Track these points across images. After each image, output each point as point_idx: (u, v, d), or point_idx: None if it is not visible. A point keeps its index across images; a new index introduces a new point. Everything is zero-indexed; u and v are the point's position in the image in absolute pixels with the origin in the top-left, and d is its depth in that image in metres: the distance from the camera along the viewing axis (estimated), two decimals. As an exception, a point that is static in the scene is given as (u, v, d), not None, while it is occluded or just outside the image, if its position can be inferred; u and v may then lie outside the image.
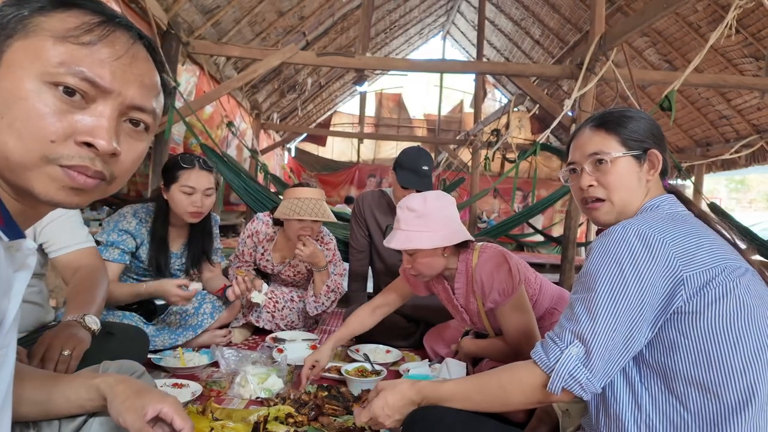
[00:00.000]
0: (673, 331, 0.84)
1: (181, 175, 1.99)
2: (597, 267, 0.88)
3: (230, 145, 7.00)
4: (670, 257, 0.83)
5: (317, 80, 9.99)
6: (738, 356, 0.81)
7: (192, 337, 2.11)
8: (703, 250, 0.85)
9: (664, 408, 0.85)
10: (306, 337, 2.35)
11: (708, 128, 7.45)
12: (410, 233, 1.59)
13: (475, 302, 1.74)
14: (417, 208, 1.60)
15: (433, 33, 13.58)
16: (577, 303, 0.90)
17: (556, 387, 0.88)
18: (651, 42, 6.91)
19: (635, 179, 1.02)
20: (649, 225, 0.87)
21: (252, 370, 1.75)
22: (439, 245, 1.60)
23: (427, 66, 5.00)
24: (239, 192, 3.59)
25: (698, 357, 0.82)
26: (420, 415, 1.06)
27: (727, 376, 0.80)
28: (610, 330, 0.85)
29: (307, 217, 2.25)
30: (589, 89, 3.69)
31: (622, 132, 1.05)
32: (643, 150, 1.03)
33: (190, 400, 1.59)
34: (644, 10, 3.19)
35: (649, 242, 0.84)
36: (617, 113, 1.09)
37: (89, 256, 1.57)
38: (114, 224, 2.02)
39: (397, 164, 2.52)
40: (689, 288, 0.83)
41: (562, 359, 0.87)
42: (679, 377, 0.84)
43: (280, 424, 1.45)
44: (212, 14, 5.09)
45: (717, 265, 0.84)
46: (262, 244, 2.54)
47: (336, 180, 13.20)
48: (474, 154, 8.28)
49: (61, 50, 0.57)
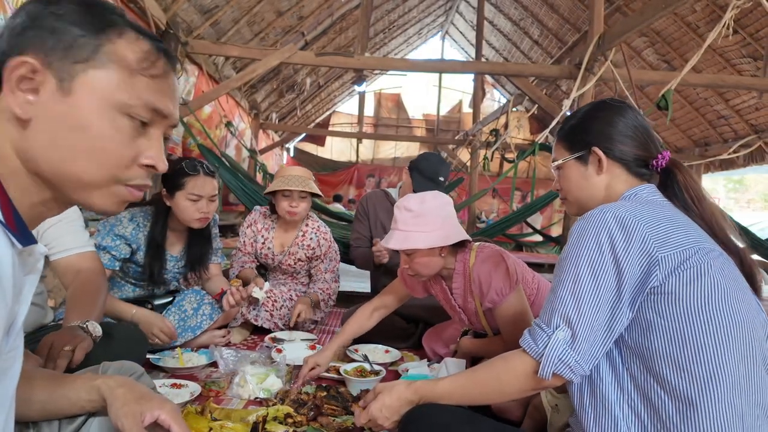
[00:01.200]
0: (650, 311, 0.86)
1: (186, 182, 1.96)
2: (577, 249, 0.90)
3: (229, 145, 7.00)
4: (645, 238, 0.86)
5: (316, 80, 10.00)
6: (710, 334, 0.83)
7: (191, 337, 2.11)
8: (677, 232, 0.88)
9: (644, 387, 0.87)
10: (305, 337, 2.35)
11: (706, 128, 7.46)
12: (408, 233, 1.59)
13: (473, 302, 1.74)
14: (414, 208, 1.61)
15: (432, 33, 13.59)
16: (560, 286, 0.92)
17: (546, 372, 0.90)
18: (650, 42, 6.92)
19: (582, 179, 1.06)
20: (626, 209, 0.90)
21: (251, 370, 1.75)
22: (437, 245, 1.60)
23: (426, 66, 5.00)
24: (236, 192, 3.59)
25: (673, 336, 0.85)
26: (416, 414, 1.07)
27: (700, 353, 0.83)
28: (594, 310, 0.87)
29: (294, 187, 2.40)
30: (588, 89, 3.69)
31: (566, 136, 1.10)
32: (588, 150, 1.05)
33: (189, 401, 1.58)
34: (643, 11, 3.20)
35: (625, 224, 0.87)
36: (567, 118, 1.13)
37: (90, 260, 1.55)
38: (110, 228, 1.99)
39: (415, 168, 2.50)
40: (664, 268, 0.85)
41: (550, 344, 0.89)
42: (656, 357, 0.86)
43: (279, 424, 1.45)
44: (211, 14, 5.09)
45: (690, 246, 0.86)
46: (261, 234, 2.60)
47: (335, 180, 13.20)
48: (473, 154, 8.29)
49: (135, 82, 0.63)
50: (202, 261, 2.21)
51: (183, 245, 2.18)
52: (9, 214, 0.58)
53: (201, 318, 2.16)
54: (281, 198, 2.45)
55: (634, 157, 1.03)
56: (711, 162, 7.36)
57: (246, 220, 2.66)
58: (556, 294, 0.92)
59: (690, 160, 7.26)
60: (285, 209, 2.45)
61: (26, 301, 0.61)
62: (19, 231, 0.58)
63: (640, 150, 1.03)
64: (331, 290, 2.60)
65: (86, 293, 1.47)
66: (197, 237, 2.18)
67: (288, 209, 2.44)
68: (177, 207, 1.99)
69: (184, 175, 1.97)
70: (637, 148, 1.03)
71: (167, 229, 2.08)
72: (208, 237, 2.24)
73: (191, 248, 2.18)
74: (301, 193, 2.43)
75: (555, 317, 0.90)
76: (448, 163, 2.57)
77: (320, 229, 2.61)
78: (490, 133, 7.01)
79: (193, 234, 2.17)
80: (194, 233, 2.17)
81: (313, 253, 2.58)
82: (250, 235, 2.61)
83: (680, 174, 1.00)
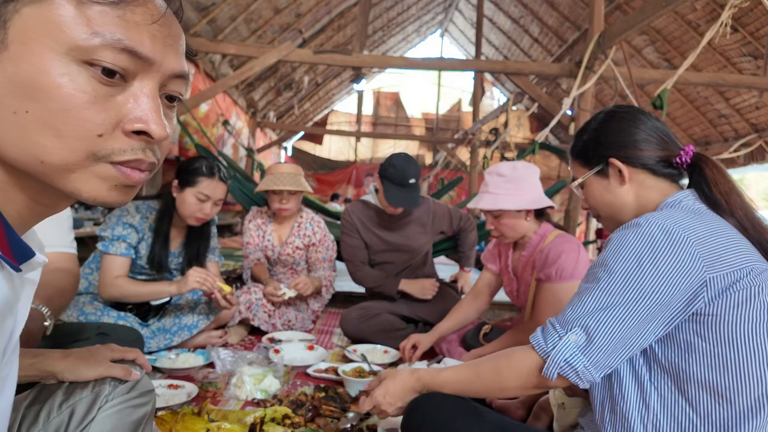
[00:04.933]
0: (691, 333, 0.81)
1: (200, 181, 2.01)
2: (614, 258, 0.85)
3: (226, 143, 6.97)
4: (694, 256, 0.79)
5: (314, 78, 9.97)
6: (756, 362, 0.78)
7: (188, 337, 2.09)
8: (729, 249, 0.81)
9: (673, 409, 0.83)
10: (303, 338, 2.33)
11: (707, 127, 7.46)
12: (498, 196, 1.75)
13: (531, 274, 1.82)
14: (506, 173, 1.78)
15: (431, 31, 13.55)
16: (586, 292, 0.87)
17: (551, 372, 0.86)
18: (650, 40, 6.90)
19: (607, 193, 1.02)
20: (673, 220, 0.83)
21: (248, 371, 1.73)
22: (525, 207, 1.75)
23: (425, 64, 4.97)
24: (233, 192, 3.56)
25: (714, 361, 0.79)
26: (421, 405, 1.05)
27: (743, 382, 0.78)
28: (619, 322, 0.82)
29: (283, 186, 2.47)
30: (588, 88, 3.67)
31: (580, 153, 1.06)
32: (605, 162, 1.01)
33: (186, 401, 1.57)
34: (643, 9, 3.17)
35: (673, 238, 0.81)
36: (578, 134, 1.09)
37: (68, 262, 1.46)
38: (117, 218, 2.01)
39: (383, 176, 2.37)
40: (712, 290, 0.79)
41: (559, 345, 0.86)
42: (691, 380, 0.81)
43: (276, 425, 1.43)
44: (208, 11, 5.06)
45: (743, 267, 0.80)
46: (260, 228, 2.71)
47: (333, 179, 13.18)
48: (472, 152, 8.27)
49: (89, 15, 0.45)
50: (199, 258, 2.21)
51: (181, 241, 2.18)
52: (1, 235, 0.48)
53: (198, 317, 2.15)
54: (272, 196, 2.57)
55: (656, 159, 0.98)
56: (711, 161, 7.35)
57: (246, 218, 2.77)
58: (581, 298, 0.88)
59: (690, 159, 7.26)
60: (276, 207, 2.56)
61: (23, 315, 0.57)
62: (13, 252, 0.49)
63: (660, 151, 0.98)
64: (331, 278, 2.69)
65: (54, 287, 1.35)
66: (196, 234, 2.19)
67: (278, 206, 2.55)
68: (182, 201, 2.03)
69: (200, 174, 2.02)
70: (655, 149, 0.98)
71: (171, 222, 2.10)
72: (207, 235, 2.25)
73: (190, 244, 2.18)
74: (290, 190, 2.52)
75: (572, 321, 0.86)
76: (417, 163, 2.43)
77: (314, 219, 2.74)
78: (490, 131, 6.99)
79: (193, 231, 2.18)
80: (194, 230, 2.18)
81: (309, 241, 2.69)
82: (254, 229, 2.71)
83: (707, 168, 0.93)
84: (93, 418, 0.85)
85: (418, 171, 2.39)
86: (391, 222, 2.53)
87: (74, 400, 0.85)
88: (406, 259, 2.58)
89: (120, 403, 0.87)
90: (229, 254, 4.83)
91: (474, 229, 2.78)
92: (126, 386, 0.90)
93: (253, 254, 2.67)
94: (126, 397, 0.89)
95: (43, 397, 0.85)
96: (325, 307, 3.02)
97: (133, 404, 0.90)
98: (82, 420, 0.84)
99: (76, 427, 0.83)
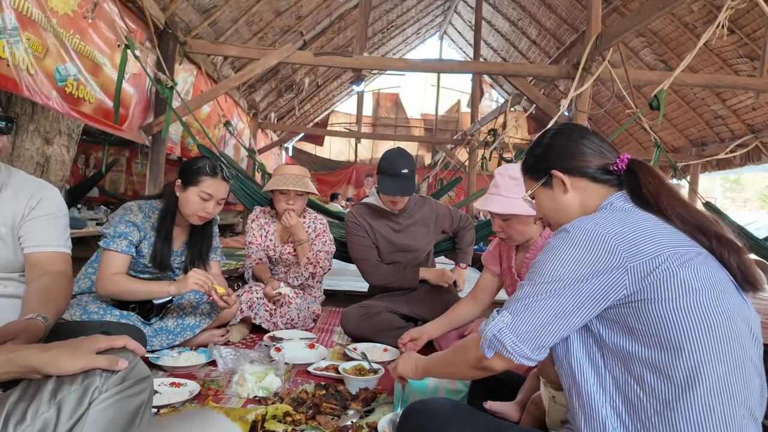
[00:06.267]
0: (628, 316, 0.91)
1: (203, 181, 2.03)
2: (543, 258, 0.98)
3: (227, 144, 6.99)
4: (612, 249, 0.90)
5: (314, 80, 9.99)
6: (684, 336, 0.86)
7: (190, 336, 2.12)
8: (649, 240, 0.91)
9: (624, 389, 0.91)
10: (304, 336, 2.36)
11: (703, 128, 7.48)
12: (511, 200, 1.71)
13: None
14: (519, 177, 1.74)
15: (431, 33, 13.58)
16: (520, 288, 1.00)
17: (484, 348, 0.99)
18: (647, 42, 6.93)
19: (553, 202, 1.13)
20: (595, 222, 0.95)
21: (250, 369, 1.75)
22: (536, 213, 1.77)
23: (425, 66, 5.00)
24: (236, 192, 3.59)
25: (650, 339, 0.88)
26: (416, 408, 1.15)
27: (675, 355, 0.86)
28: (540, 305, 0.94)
29: (291, 187, 2.51)
30: (586, 89, 3.70)
31: (529, 169, 1.18)
32: (548, 174, 1.12)
33: (188, 399, 1.59)
34: (640, 11, 3.20)
35: (591, 237, 0.92)
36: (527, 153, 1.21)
37: (61, 262, 1.48)
38: (120, 217, 2.03)
39: (379, 170, 2.48)
40: (635, 276, 0.89)
41: (491, 325, 0.98)
42: (635, 359, 0.90)
43: (278, 422, 1.46)
44: (209, 14, 5.08)
45: (662, 253, 0.89)
46: (263, 228, 2.73)
47: (334, 179, 13.20)
48: (471, 153, 8.30)
49: None
50: (202, 256, 2.24)
51: (184, 240, 2.21)
52: None
53: (200, 317, 2.17)
54: (279, 196, 2.57)
55: (595, 168, 1.08)
56: (708, 161, 7.38)
57: (250, 217, 2.80)
58: (516, 293, 1.00)
59: (687, 160, 7.29)
60: (282, 207, 2.57)
61: None
62: None
63: (597, 160, 1.08)
64: (320, 257, 2.63)
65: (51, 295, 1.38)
66: (199, 233, 2.22)
67: (285, 207, 2.55)
68: (185, 200, 2.05)
69: (203, 174, 2.04)
70: (592, 159, 1.08)
71: (174, 221, 2.12)
72: (209, 234, 2.28)
73: (193, 243, 2.21)
74: (297, 191, 2.52)
75: (504, 308, 1.00)
76: (409, 155, 2.50)
77: (317, 217, 2.78)
78: (488, 132, 7.01)
79: (196, 230, 2.21)
80: (196, 229, 2.21)
81: (310, 237, 2.71)
82: (257, 229, 2.73)
83: (640, 172, 1.03)
84: (85, 411, 0.83)
85: (410, 162, 2.45)
86: (397, 223, 2.58)
87: (62, 394, 0.83)
88: (411, 259, 2.62)
89: (114, 395, 0.86)
90: (230, 254, 4.85)
91: (472, 227, 2.83)
92: (119, 376, 0.87)
93: (255, 254, 2.69)
94: (119, 388, 0.87)
95: (30, 393, 0.83)
96: (326, 305, 3.05)
97: (128, 394, 0.88)
98: (71, 414, 0.82)
99: (67, 422, 0.81)
